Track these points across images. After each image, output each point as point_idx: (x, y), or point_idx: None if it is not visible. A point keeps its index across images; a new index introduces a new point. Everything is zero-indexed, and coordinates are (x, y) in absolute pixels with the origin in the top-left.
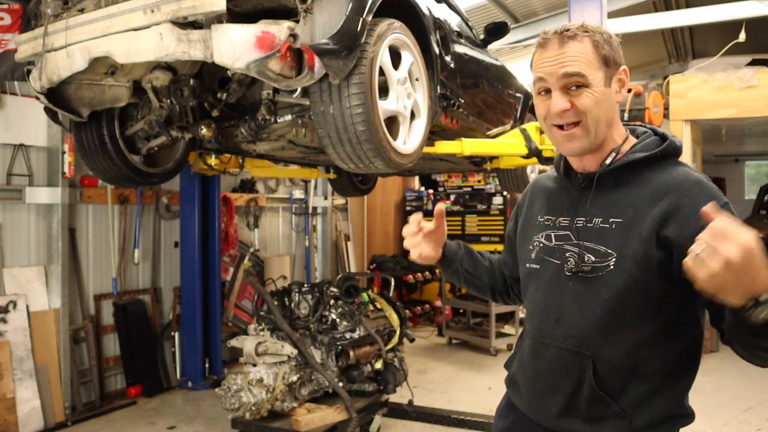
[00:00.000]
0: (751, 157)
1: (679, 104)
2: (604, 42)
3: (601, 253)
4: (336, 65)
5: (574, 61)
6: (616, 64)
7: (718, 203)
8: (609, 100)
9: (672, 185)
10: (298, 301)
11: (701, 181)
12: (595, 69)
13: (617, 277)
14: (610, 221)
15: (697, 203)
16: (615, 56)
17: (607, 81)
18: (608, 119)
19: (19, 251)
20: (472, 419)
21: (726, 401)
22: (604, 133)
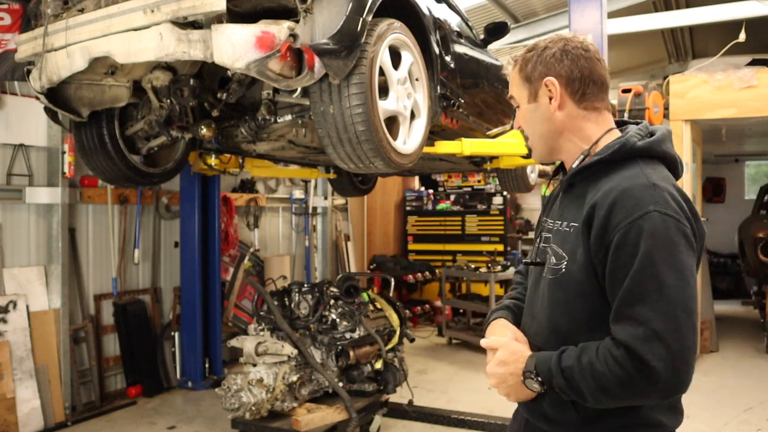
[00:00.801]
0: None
1: (679, 104)
2: (526, 62)
3: (559, 255)
4: (336, 65)
5: (510, 86)
6: (538, 78)
7: (635, 213)
8: (535, 115)
9: (603, 192)
10: (298, 301)
11: (627, 189)
12: (520, 89)
13: (568, 280)
14: (570, 225)
15: (611, 217)
16: (538, 71)
17: (531, 97)
18: (544, 133)
19: (19, 251)
20: (472, 419)
21: (726, 401)
22: (547, 143)
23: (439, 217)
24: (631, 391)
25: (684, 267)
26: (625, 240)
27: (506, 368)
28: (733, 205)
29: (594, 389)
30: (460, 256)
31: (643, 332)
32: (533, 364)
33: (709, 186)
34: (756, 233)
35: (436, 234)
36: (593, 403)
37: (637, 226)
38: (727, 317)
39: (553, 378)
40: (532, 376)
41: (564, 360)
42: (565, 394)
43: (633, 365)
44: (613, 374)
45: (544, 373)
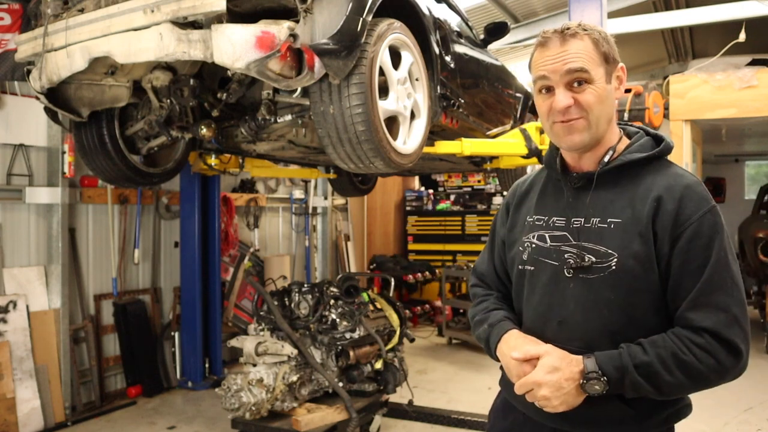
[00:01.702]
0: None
1: (679, 104)
2: (602, 40)
3: (602, 253)
4: (336, 65)
5: (577, 58)
6: (615, 61)
7: (703, 207)
8: (610, 97)
9: (664, 187)
10: (298, 301)
11: (690, 185)
12: (597, 65)
13: (621, 277)
14: (608, 221)
15: (680, 209)
16: (614, 53)
17: (608, 78)
18: (609, 116)
19: (19, 251)
20: (472, 419)
21: (726, 401)
22: (604, 129)
23: (439, 217)
24: (721, 375)
25: (735, 255)
26: (699, 232)
27: (560, 374)
28: (733, 205)
29: (682, 380)
30: (460, 256)
31: (726, 318)
32: (595, 364)
33: (709, 186)
34: (756, 233)
35: (436, 234)
36: (670, 394)
37: (708, 220)
38: None
39: (626, 376)
40: (596, 377)
41: (634, 357)
42: (635, 390)
43: (723, 349)
44: (704, 362)
45: (611, 372)
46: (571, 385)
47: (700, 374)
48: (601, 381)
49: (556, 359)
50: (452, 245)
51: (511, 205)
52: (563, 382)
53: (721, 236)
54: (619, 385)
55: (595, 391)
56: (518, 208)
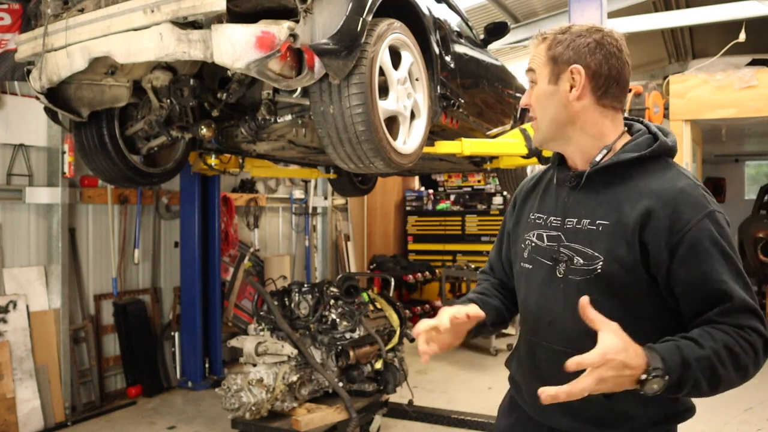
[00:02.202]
0: (751, 157)
1: (679, 104)
2: (557, 42)
3: (589, 255)
4: (336, 65)
5: (532, 60)
6: (566, 63)
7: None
8: (552, 98)
9: (655, 191)
10: (298, 301)
11: (684, 188)
12: (543, 67)
13: (606, 280)
14: (597, 223)
15: (675, 215)
16: (567, 55)
17: (552, 78)
18: (555, 118)
19: (19, 251)
20: (472, 419)
21: (726, 401)
22: (556, 130)
23: (439, 217)
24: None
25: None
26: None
27: (627, 371)
28: (733, 205)
29: (732, 374)
30: (460, 256)
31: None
32: (659, 359)
33: (709, 186)
34: (756, 233)
35: (436, 234)
36: (716, 392)
37: (706, 225)
38: None
39: (688, 372)
40: (660, 374)
41: (692, 350)
42: (694, 388)
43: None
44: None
45: (674, 368)
46: (634, 372)
47: (745, 367)
48: (663, 379)
49: (630, 356)
50: (452, 245)
51: (518, 200)
52: (629, 366)
53: (723, 239)
54: (679, 383)
55: (652, 390)
56: (523, 203)
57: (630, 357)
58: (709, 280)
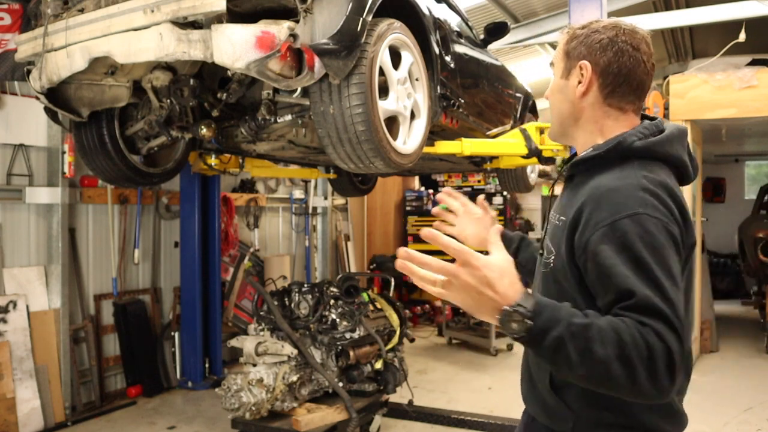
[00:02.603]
0: (751, 157)
1: (679, 104)
2: (575, 37)
3: (549, 249)
4: (336, 65)
5: (555, 53)
6: (579, 59)
7: (620, 213)
8: (562, 92)
9: (592, 189)
10: (298, 301)
11: (616, 188)
12: (558, 61)
13: (554, 275)
14: (560, 219)
15: (593, 215)
16: (579, 51)
17: (565, 73)
18: (563, 113)
19: (19, 251)
20: (472, 419)
21: (726, 401)
22: (563, 124)
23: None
24: (650, 376)
25: (673, 271)
26: (610, 237)
27: (488, 292)
28: (733, 205)
29: (612, 360)
30: None
31: (664, 324)
32: (532, 303)
33: (709, 186)
34: (756, 233)
35: None
36: (590, 374)
37: (623, 224)
38: (727, 317)
39: (555, 329)
40: (523, 313)
41: (574, 314)
42: (555, 352)
43: (663, 352)
44: (641, 351)
45: (543, 318)
46: (494, 299)
47: (632, 365)
48: (525, 322)
49: (498, 274)
50: None
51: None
52: (491, 288)
53: (639, 241)
54: (542, 336)
55: (510, 329)
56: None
57: (497, 280)
58: (614, 279)
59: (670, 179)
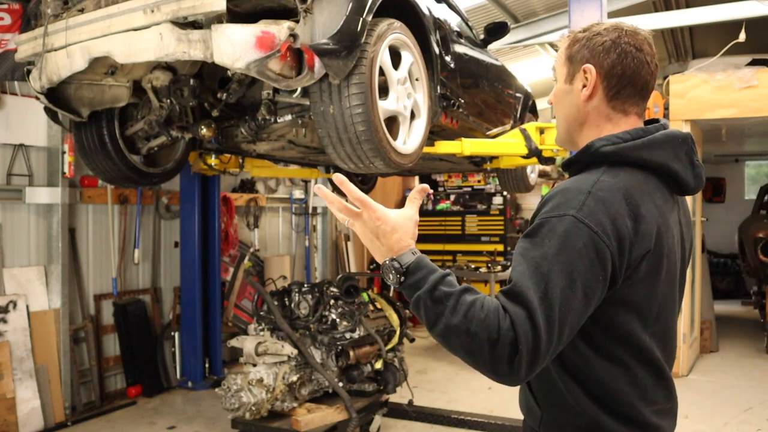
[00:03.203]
0: (751, 157)
1: (679, 104)
2: (576, 41)
3: None
4: (336, 65)
5: (556, 59)
6: (582, 62)
7: (556, 211)
8: (567, 97)
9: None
10: (298, 301)
11: (566, 189)
12: (561, 66)
13: None
14: None
15: (540, 209)
16: (582, 54)
17: (568, 78)
18: (568, 118)
19: (19, 251)
20: (472, 419)
21: (726, 401)
22: (569, 129)
23: (439, 217)
24: (493, 356)
25: (578, 278)
26: (534, 231)
27: (377, 241)
28: (733, 205)
29: (460, 327)
30: (460, 256)
31: (524, 315)
32: (410, 262)
33: (709, 186)
34: (756, 233)
35: (436, 234)
36: (442, 334)
37: (549, 222)
38: (727, 317)
39: (421, 289)
40: (397, 270)
41: (439, 281)
42: (415, 307)
43: (509, 338)
44: (490, 332)
45: (412, 277)
46: (381, 249)
47: (473, 336)
48: (397, 276)
49: (401, 223)
50: (452, 245)
51: None
52: (374, 243)
53: (554, 244)
54: (410, 292)
55: (387, 278)
56: None
57: (388, 233)
58: (514, 267)
59: (644, 185)
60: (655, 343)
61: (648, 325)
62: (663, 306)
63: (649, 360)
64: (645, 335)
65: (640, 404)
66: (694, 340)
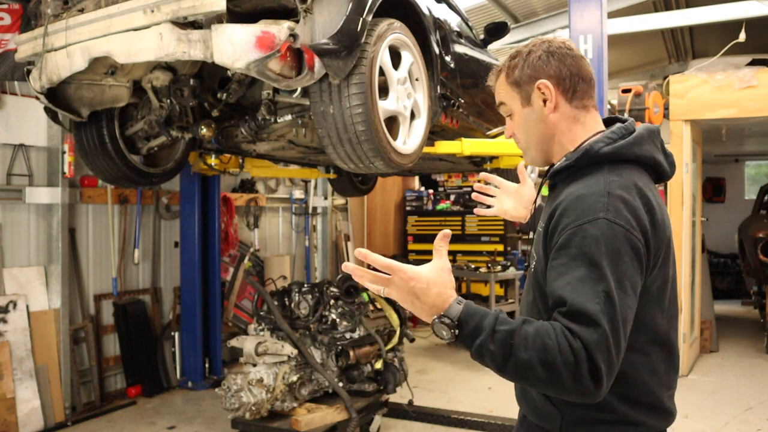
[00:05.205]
0: (751, 157)
1: (679, 104)
2: (512, 68)
3: (532, 255)
4: (336, 65)
5: (498, 94)
6: (532, 81)
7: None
8: (531, 118)
9: (563, 197)
10: (298, 301)
11: (582, 195)
12: (510, 96)
13: (536, 278)
14: (541, 227)
15: (561, 221)
16: (526, 74)
17: (524, 101)
18: (539, 137)
19: (19, 251)
20: (472, 419)
21: (726, 401)
22: (543, 147)
23: (439, 217)
24: (575, 380)
25: (625, 277)
26: (569, 242)
27: (418, 301)
28: (733, 205)
29: (534, 362)
30: (460, 256)
31: (598, 335)
32: (459, 313)
33: (709, 186)
34: (756, 233)
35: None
36: (514, 374)
37: (583, 230)
38: (727, 317)
39: (482, 336)
40: (448, 324)
41: (501, 323)
42: (479, 355)
43: (587, 360)
44: (566, 358)
45: (469, 327)
46: (424, 308)
47: (555, 367)
48: (451, 331)
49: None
50: (452, 245)
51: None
52: (420, 298)
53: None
54: (469, 343)
55: (441, 335)
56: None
57: (424, 291)
58: (557, 283)
59: (642, 179)
60: (669, 327)
61: (664, 310)
62: (672, 289)
63: (664, 344)
64: (663, 321)
65: (660, 391)
66: (694, 340)
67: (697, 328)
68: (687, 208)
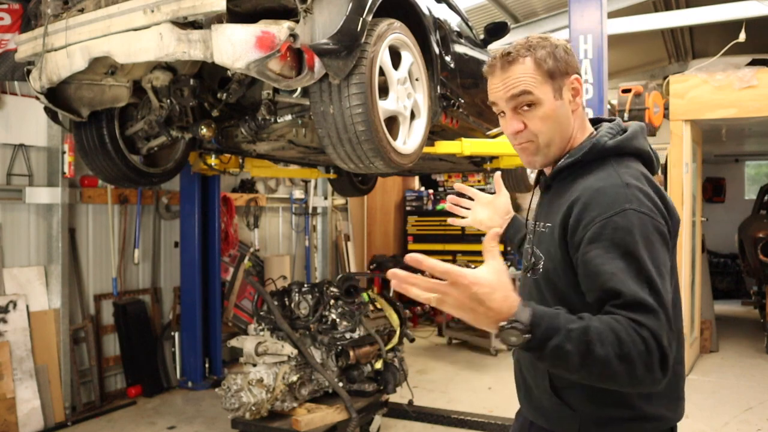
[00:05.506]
0: (751, 157)
1: (679, 104)
2: (546, 56)
3: (538, 255)
4: (336, 65)
5: (519, 83)
6: (565, 74)
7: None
8: (561, 113)
9: (579, 192)
10: (298, 301)
11: (602, 188)
12: (541, 84)
13: (546, 279)
14: (546, 225)
15: (584, 216)
16: (561, 67)
17: (557, 93)
18: (564, 131)
19: (19, 251)
20: (472, 419)
21: (726, 401)
22: (560, 146)
23: (439, 217)
24: (648, 369)
25: (661, 264)
26: (599, 235)
27: (481, 308)
28: (733, 205)
29: (611, 357)
30: (460, 256)
31: (657, 320)
32: (528, 315)
33: (709, 186)
34: (756, 233)
35: (436, 234)
36: (591, 373)
37: (613, 222)
38: (727, 317)
39: (554, 338)
40: (519, 328)
41: (571, 320)
42: (555, 357)
43: (657, 347)
44: (638, 346)
45: (541, 329)
46: (488, 314)
47: (631, 359)
48: (523, 335)
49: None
50: (452, 245)
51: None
52: (484, 305)
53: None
54: (542, 345)
55: (509, 342)
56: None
57: (488, 295)
58: (602, 276)
59: (644, 170)
60: (678, 313)
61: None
62: (675, 275)
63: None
64: (675, 308)
65: (674, 380)
66: (694, 340)
67: (697, 328)
68: (687, 208)
